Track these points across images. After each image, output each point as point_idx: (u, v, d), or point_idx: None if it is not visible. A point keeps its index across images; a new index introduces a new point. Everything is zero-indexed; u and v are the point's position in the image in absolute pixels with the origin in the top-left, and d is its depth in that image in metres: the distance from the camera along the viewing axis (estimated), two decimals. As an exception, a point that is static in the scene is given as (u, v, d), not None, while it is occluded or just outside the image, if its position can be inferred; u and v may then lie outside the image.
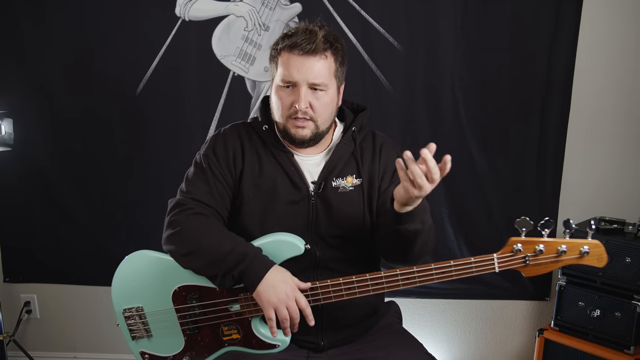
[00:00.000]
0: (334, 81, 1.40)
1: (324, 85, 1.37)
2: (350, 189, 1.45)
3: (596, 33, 2.26)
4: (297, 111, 1.36)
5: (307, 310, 1.31)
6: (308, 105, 1.37)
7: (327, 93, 1.39)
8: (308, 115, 1.37)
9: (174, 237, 1.37)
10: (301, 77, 1.35)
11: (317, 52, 1.34)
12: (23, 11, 2.33)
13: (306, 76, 1.35)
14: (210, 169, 1.44)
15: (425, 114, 2.34)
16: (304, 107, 1.36)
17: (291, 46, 1.35)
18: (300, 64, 1.35)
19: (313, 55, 1.34)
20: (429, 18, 2.27)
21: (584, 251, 1.24)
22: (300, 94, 1.36)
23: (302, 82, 1.35)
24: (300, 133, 1.39)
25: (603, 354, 2.06)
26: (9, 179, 2.48)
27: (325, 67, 1.37)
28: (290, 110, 1.38)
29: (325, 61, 1.37)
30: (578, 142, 2.35)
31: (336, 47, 1.39)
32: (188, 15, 2.31)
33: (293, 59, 1.35)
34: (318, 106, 1.38)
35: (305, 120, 1.38)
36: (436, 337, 2.58)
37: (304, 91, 1.36)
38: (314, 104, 1.37)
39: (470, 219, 2.42)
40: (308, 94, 1.36)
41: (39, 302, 2.63)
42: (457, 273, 1.27)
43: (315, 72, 1.35)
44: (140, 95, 2.37)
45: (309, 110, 1.37)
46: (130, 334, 1.49)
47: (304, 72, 1.35)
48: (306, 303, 1.31)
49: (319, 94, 1.37)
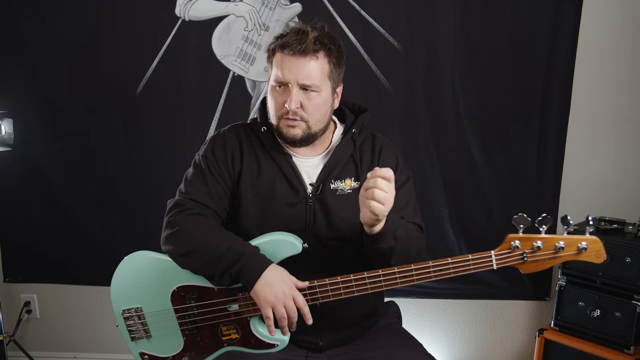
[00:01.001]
0: (328, 83, 1.40)
1: (315, 87, 1.36)
2: (348, 191, 1.45)
3: (596, 33, 2.26)
4: (288, 111, 1.37)
5: (305, 309, 1.31)
6: (299, 105, 1.37)
7: (320, 94, 1.38)
8: (298, 116, 1.38)
9: (172, 237, 1.37)
10: (292, 77, 1.35)
11: (307, 52, 1.34)
12: (23, 11, 2.33)
13: (297, 76, 1.35)
14: (209, 169, 1.44)
15: (425, 113, 2.34)
16: (294, 107, 1.36)
17: (282, 46, 1.36)
18: (291, 64, 1.35)
19: (303, 56, 1.34)
20: (429, 18, 2.27)
21: (582, 247, 1.24)
22: (292, 94, 1.36)
23: (292, 82, 1.35)
24: (292, 132, 1.39)
25: (603, 354, 2.06)
26: (9, 179, 2.48)
27: (317, 68, 1.36)
28: (282, 110, 1.38)
29: (317, 62, 1.36)
30: (578, 142, 2.35)
31: (330, 48, 1.38)
32: (188, 15, 2.32)
33: (285, 59, 1.36)
34: (310, 107, 1.38)
35: (295, 120, 1.38)
36: (436, 337, 2.58)
37: (294, 92, 1.36)
38: (306, 105, 1.37)
39: (470, 219, 2.41)
40: (299, 94, 1.36)
41: (39, 302, 2.63)
42: (455, 270, 1.27)
43: (305, 72, 1.35)
44: (140, 95, 2.37)
45: (299, 110, 1.37)
46: (130, 334, 1.49)
47: (295, 73, 1.35)
48: (304, 302, 1.31)
49: (310, 94, 1.37)
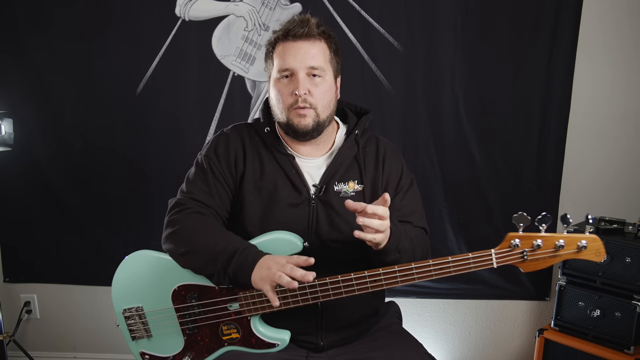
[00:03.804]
0: (330, 68, 1.41)
1: (321, 70, 1.37)
2: (351, 194, 1.45)
3: (596, 33, 2.26)
4: (298, 99, 1.36)
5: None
6: (307, 91, 1.37)
7: (325, 80, 1.39)
8: (308, 103, 1.37)
9: (172, 236, 1.38)
10: (297, 63, 1.36)
11: (311, 35, 1.36)
12: (23, 11, 2.33)
13: (303, 61, 1.36)
14: (211, 169, 1.44)
15: (425, 113, 2.34)
16: (302, 93, 1.36)
17: (285, 34, 1.37)
18: (296, 50, 1.36)
19: (307, 39, 1.36)
20: (429, 18, 2.27)
21: (582, 245, 1.24)
22: (299, 79, 1.36)
23: (299, 68, 1.36)
24: (303, 122, 1.39)
25: (603, 354, 2.05)
26: (9, 179, 2.48)
27: (321, 51, 1.38)
28: (290, 99, 1.38)
29: (320, 45, 1.38)
30: (578, 142, 2.35)
31: (329, 34, 1.40)
32: (188, 15, 2.32)
33: (288, 47, 1.37)
34: (317, 93, 1.38)
35: (306, 108, 1.37)
36: (436, 337, 2.58)
37: (302, 76, 1.36)
38: (313, 91, 1.38)
39: (470, 218, 2.42)
40: (306, 80, 1.37)
41: (39, 302, 2.63)
42: (456, 269, 1.27)
43: (311, 55, 1.36)
44: (140, 95, 2.37)
45: (308, 96, 1.37)
46: (130, 334, 1.49)
47: (300, 58, 1.35)
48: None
49: (316, 80, 1.38)
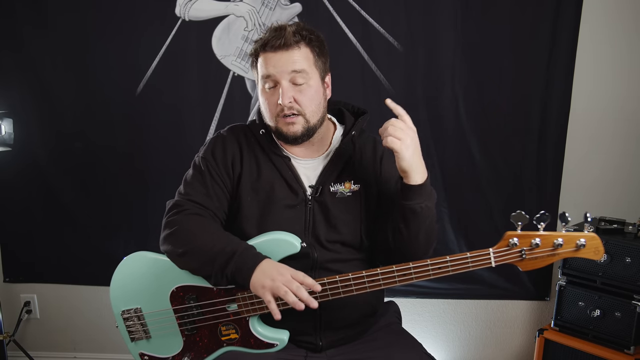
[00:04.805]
0: (315, 71, 1.39)
1: (305, 74, 1.36)
2: (348, 194, 1.44)
3: (596, 33, 2.25)
4: (283, 108, 1.36)
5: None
6: (292, 99, 1.36)
7: (310, 85, 1.38)
8: (295, 110, 1.37)
9: (170, 237, 1.38)
10: (277, 71, 1.35)
11: (288, 45, 1.34)
12: (23, 11, 2.33)
13: (283, 69, 1.35)
14: (209, 171, 1.44)
15: (425, 113, 2.34)
16: (287, 102, 1.35)
17: (263, 45, 1.37)
18: (275, 60, 1.35)
19: (285, 50, 1.35)
20: (429, 18, 2.27)
21: (580, 244, 1.23)
22: (282, 88, 1.35)
23: (280, 76, 1.35)
24: (292, 130, 1.39)
25: (603, 354, 2.05)
26: (9, 179, 2.48)
27: (303, 57, 1.36)
28: (276, 109, 1.38)
29: (300, 51, 1.36)
30: (578, 142, 2.35)
31: (309, 38, 1.38)
32: (188, 15, 2.31)
33: (268, 58, 1.36)
34: (303, 99, 1.37)
35: (293, 115, 1.37)
36: (436, 337, 2.58)
37: (285, 85, 1.35)
38: (299, 98, 1.37)
39: (470, 219, 2.41)
40: (290, 88, 1.36)
41: (39, 302, 2.63)
42: (454, 268, 1.26)
43: (291, 62, 1.35)
44: (140, 95, 2.37)
45: (294, 104, 1.37)
46: (129, 335, 1.49)
47: (280, 67, 1.35)
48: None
49: (301, 87, 1.37)
